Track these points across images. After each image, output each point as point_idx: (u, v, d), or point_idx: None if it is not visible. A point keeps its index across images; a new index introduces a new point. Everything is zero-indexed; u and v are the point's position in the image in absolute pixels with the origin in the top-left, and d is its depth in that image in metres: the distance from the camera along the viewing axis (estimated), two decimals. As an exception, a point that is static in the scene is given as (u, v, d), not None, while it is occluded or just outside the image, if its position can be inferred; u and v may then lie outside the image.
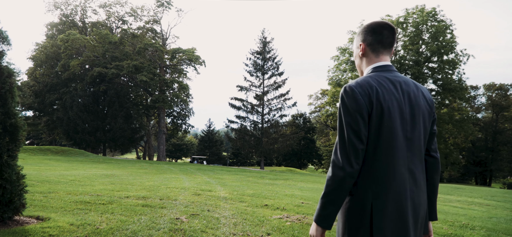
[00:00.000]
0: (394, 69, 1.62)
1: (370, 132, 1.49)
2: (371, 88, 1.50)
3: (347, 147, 1.47)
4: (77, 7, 39.65)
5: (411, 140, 1.54)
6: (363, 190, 1.49)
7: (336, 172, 1.47)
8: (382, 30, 1.63)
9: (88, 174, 11.13)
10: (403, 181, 1.50)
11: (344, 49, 37.48)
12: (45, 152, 24.82)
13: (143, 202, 6.16)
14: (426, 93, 1.63)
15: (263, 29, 40.26)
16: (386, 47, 1.64)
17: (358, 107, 1.47)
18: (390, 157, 1.49)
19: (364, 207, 1.48)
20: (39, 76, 37.83)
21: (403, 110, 1.53)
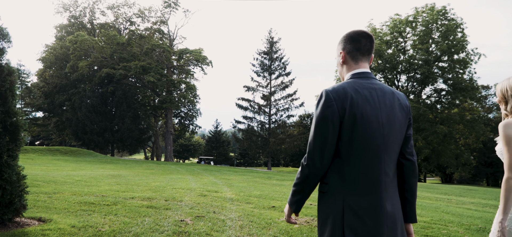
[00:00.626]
0: (372, 76, 1.70)
1: (343, 136, 1.56)
2: (345, 94, 1.56)
3: (316, 147, 1.56)
4: (85, 9, 39.99)
5: (387, 144, 1.59)
6: (337, 190, 1.56)
7: (303, 168, 1.60)
8: (360, 38, 1.71)
9: (94, 175, 11.10)
10: (377, 183, 1.55)
11: (352, 49, 37.10)
12: (54, 152, 25.01)
13: (148, 203, 6.05)
14: (402, 99, 1.69)
15: (270, 29, 40.15)
16: (365, 54, 1.71)
17: (330, 111, 1.54)
18: (363, 159, 1.55)
19: (337, 206, 1.55)
20: (49, 77, 38.22)
21: (378, 115, 1.58)
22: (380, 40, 34.49)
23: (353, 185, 1.54)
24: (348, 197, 1.54)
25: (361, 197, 1.54)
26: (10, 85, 3.81)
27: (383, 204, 1.55)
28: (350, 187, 1.55)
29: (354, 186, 1.54)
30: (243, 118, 36.99)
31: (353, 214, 1.52)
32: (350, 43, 1.72)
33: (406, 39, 35.26)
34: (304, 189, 1.64)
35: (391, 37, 35.20)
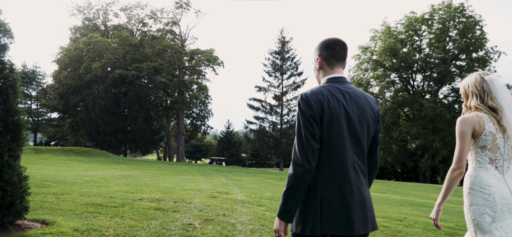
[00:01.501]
0: (346, 81, 1.83)
1: (322, 135, 1.69)
2: (323, 96, 1.71)
3: (305, 146, 1.65)
4: (99, 10, 40.46)
5: (357, 144, 1.74)
6: (315, 185, 1.69)
7: (296, 169, 1.64)
8: (335, 46, 1.84)
9: (105, 175, 11.03)
10: (349, 179, 1.70)
11: (365, 48, 36.48)
12: (68, 152, 25.30)
13: (156, 205, 5.87)
14: (373, 104, 1.83)
15: (281, 28, 39.80)
16: (339, 61, 1.85)
17: (312, 112, 1.67)
18: (338, 157, 1.69)
19: (315, 199, 1.68)
20: (63, 78, 38.81)
21: (350, 117, 1.72)
22: (394, 39, 33.78)
23: (327, 180, 1.69)
24: (323, 192, 1.68)
25: (335, 191, 1.68)
26: (12, 82, 3.65)
27: (354, 197, 1.70)
28: (325, 182, 1.69)
29: (328, 181, 1.69)
30: (255, 119, 36.78)
31: (328, 207, 1.67)
32: (326, 50, 1.86)
33: (421, 38, 34.44)
34: (299, 191, 1.67)
35: (406, 35, 34.44)
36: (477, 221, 2.04)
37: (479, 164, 2.09)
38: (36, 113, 42.00)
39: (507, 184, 2.03)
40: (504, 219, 2.00)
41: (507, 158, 2.08)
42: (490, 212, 2.00)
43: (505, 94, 2.11)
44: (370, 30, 36.37)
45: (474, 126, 2.05)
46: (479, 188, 2.05)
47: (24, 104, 42.06)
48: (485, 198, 2.02)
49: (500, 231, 1.99)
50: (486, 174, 2.06)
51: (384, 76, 36.13)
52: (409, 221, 5.98)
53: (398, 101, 35.21)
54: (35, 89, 42.77)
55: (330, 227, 1.66)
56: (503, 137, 2.06)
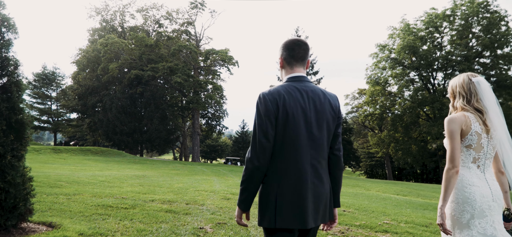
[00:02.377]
0: (306, 79, 1.88)
1: (277, 132, 1.75)
2: (279, 95, 1.76)
3: (257, 145, 1.75)
4: (116, 12, 41.04)
5: (315, 140, 1.79)
6: (271, 180, 1.78)
7: (248, 165, 1.76)
8: (294, 46, 1.90)
9: (120, 175, 10.99)
10: (304, 174, 1.76)
11: (383, 46, 35.61)
12: (85, 152, 25.66)
13: (168, 207, 5.68)
14: (332, 101, 1.87)
15: (296, 27, 39.35)
16: (298, 61, 1.90)
17: (267, 111, 1.74)
18: (293, 154, 1.76)
19: (271, 194, 1.77)
20: (82, 79, 39.52)
21: (307, 115, 1.78)
22: (414, 36, 32.80)
23: (283, 176, 1.76)
24: (280, 187, 1.76)
25: (290, 186, 1.75)
26: (16, 79, 3.50)
27: (309, 192, 1.77)
28: (281, 177, 1.76)
29: (284, 176, 1.76)
30: (270, 119, 36.43)
31: (283, 201, 1.74)
32: (286, 51, 1.91)
33: (443, 35, 33.33)
34: (250, 185, 1.79)
35: (426, 32, 33.40)
36: (457, 217, 2.10)
37: (462, 163, 2.15)
38: (56, 114, 42.95)
39: (487, 183, 2.10)
40: (484, 216, 2.06)
41: (489, 157, 2.15)
42: (469, 209, 2.06)
43: (490, 97, 2.16)
44: (388, 28, 35.48)
45: (462, 126, 2.10)
46: (461, 187, 2.11)
47: (45, 105, 43.07)
48: (466, 196, 2.08)
49: (478, 227, 2.05)
50: (469, 173, 2.12)
51: (403, 74, 35.16)
52: (436, 227, 5.57)
53: (418, 100, 34.18)
54: (55, 90, 43.76)
55: (284, 220, 1.75)
56: (487, 137, 2.12)
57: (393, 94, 36.64)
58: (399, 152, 35.18)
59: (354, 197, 9.06)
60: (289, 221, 1.75)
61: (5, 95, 3.42)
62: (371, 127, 45.43)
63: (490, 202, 2.07)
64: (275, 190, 1.77)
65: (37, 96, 42.30)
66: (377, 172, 53.12)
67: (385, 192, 12.47)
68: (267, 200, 1.78)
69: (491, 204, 2.07)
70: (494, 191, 2.11)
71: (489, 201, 2.07)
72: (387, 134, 36.20)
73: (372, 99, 36.88)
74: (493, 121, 2.12)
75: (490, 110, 2.13)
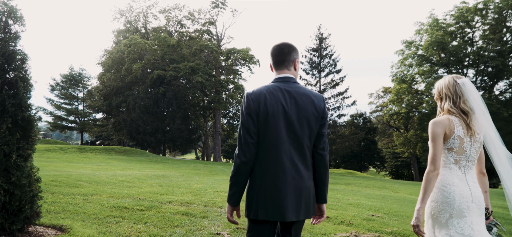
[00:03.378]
0: (291, 80, 2.01)
1: (259, 130, 1.91)
2: (260, 95, 1.92)
3: (242, 141, 1.91)
4: (139, 13, 41.71)
5: (296, 138, 1.92)
6: (254, 175, 1.94)
7: (235, 160, 1.93)
8: (275, 52, 2.08)
9: (140, 175, 10.91)
10: (284, 170, 1.90)
11: (410, 42, 34.28)
12: (109, 152, 26.11)
13: (185, 209, 5.42)
14: (317, 102, 1.98)
15: (319, 25, 38.63)
16: (279, 64, 2.06)
17: (249, 110, 1.90)
18: (274, 150, 1.89)
19: (253, 188, 1.93)
20: (107, 80, 40.42)
21: (287, 113, 1.91)
22: (443, 32, 31.35)
23: (265, 171, 1.90)
24: (261, 181, 1.90)
25: (270, 180, 1.89)
26: (24, 75, 3.30)
27: (288, 187, 1.89)
28: (263, 173, 1.90)
29: (265, 171, 1.90)
30: (292, 118, 35.91)
31: (265, 195, 1.88)
32: (271, 56, 2.09)
33: (474, 29, 31.67)
34: (238, 179, 1.91)
35: (456, 27, 31.85)
36: (436, 216, 2.14)
37: (444, 163, 2.18)
38: (82, 114, 44.17)
39: (468, 184, 2.13)
40: (463, 217, 2.08)
41: (472, 159, 2.17)
42: (448, 209, 2.09)
43: (476, 97, 2.19)
44: (415, 23, 34.10)
45: (445, 129, 2.13)
46: (441, 186, 2.14)
47: (72, 105, 44.38)
48: (445, 196, 2.11)
49: (456, 227, 2.07)
50: (450, 173, 2.15)
51: (430, 72, 33.70)
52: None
53: (447, 98, 32.63)
54: (82, 91, 45.00)
55: (265, 212, 1.86)
56: (470, 141, 2.15)
57: (420, 92, 35.22)
58: (426, 152, 33.77)
59: (382, 200, 8.52)
60: (268, 214, 1.87)
61: (11, 91, 3.23)
62: (397, 127, 43.99)
63: (469, 203, 2.09)
64: (257, 184, 1.90)
65: (64, 97, 43.64)
66: (403, 173, 51.39)
67: (415, 194, 11.79)
68: (251, 194, 1.92)
69: (470, 204, 2.09)
70: (474, 192, 2.12)
71: (468, 201, 2.09)
72: (413, 134, 34.84)
73: (397, 97, 35.60)
74: (480, 120, 2.15)
75: (477, 110, 2.15)
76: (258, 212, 1.88)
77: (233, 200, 1.95)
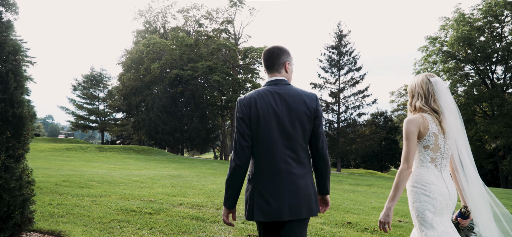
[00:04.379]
0: (282, 82, 2.05)
1: (252, 133, 1.95)
2: (251, 99, 1.98)
3: (237, 144, 1.95)
4: (158, 13, 42.04)
5: (289, 138, 1.95)
6: (252, 179, 1.99)
7: (231, 164, 1.95)
8: (265, 56, 2.15)
9: (155, 174, 10.71)
10: (278, 170, 1.93)
11: (434, 39, 32.94)
12: (128, 151, 26.31)
13: (195, 213, 5.09)
14: (309, 101, 2.00)
15: (338, 22, 37.74)
16: (269, 68, 2.12)
17: (242, 114, 1.96)
18: (267, 151, 1.94)
19: (251, 191, 1.97)
20: (126, 80, 40.94)
21: (278, 115, 1.95)
22: (470, 27, 29.92)
23: (260, 174, 1.96)
24: (257, 184, 1.95)
25: (266, 183, 1.94)
26: (15, 67, 3.02)
27: (284, 187, 1.93)
28: (258, 175, 1.96)
29: (261, 174, 1.95)
30: (310, 117, 35.19)
31: (261, 197, 1.93)
32: (262, 61, 2.17)
33: (503, 24, 30.08)
34: (234, 182, 1.96)
35: (484, 22, 30.34)
36: (421, 218, 2.13)
37: (421, 162, 2.19)
38: (103, 114, 44.96)
39: (445, 182, 2.15)
40: (442, 215, 2.12)
41: (446, 157, 2.18)
42: (431, 208, 2.10)
43: (447, 97, 2.18)
44: (439, 19, 32.70)
45: (419, 127, 2.14)
46: (421, 186, 2.14)
47: (93, 105, 45.26)
48: (426, 195, 2.11)
49: (440, 226, 2.10)
50: (427, 172, 2.16)
51: (456, 68, 32.26)
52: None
53: (474, 96, 31.14)
54: (102, 91, 45.83)
55: (262, 214, 1.92)
56: (443, 138, 2.17)
57: (445, 90, 33.82)
58: (452, 152, 32.33)
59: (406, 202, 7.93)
60: (265, 215, 1.91)
61: (0, 85, 2.95)
62: (420, 126, 42.49)
63: (447, 201, 2.12)
64: (253, 186, 1.95)
65: (86, 97, 44.55)
66: (426, 174, 49.68)
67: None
68: (247, 196, 1.98)
69: (448, 202, 2.13)
70: (450, 190, 2.15)
71: (446, 200, 2.12)
72: (438, 133, 33.48)
73: (421, 95, 34.29)
74: (449, 121, 2.16)
75: (446, 110, 2.17)
76: (255, 213, 1.93)
77: (229, 203, 2.00)
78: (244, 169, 1.93)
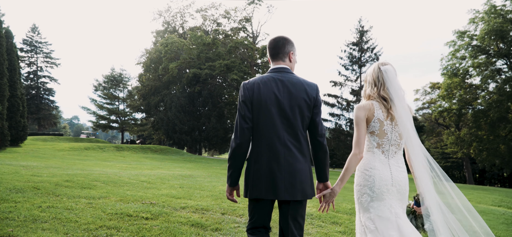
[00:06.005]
0: (285, 70, 2.17)
1: (254, 116, 2.09)
2: (254, 84, 2.12)
3: (238, 126, 2.08)
4: (177, 13, 42.11)
5: (289, 123, 2.09)
6: (250, 159, 2.14)
7: (231, 144, 2.11)
8: (270, 45, 2.26)
9: (166, 174, 10.29)
10: (277, 153, 2.06)
11: (462, 33, 31.23)
12: (145, 150, 26.28)
13: (197, 218, 4.54)
14: (309, 91, 2.13)
15: (359, 17, 36.52)
16: (273, 56, 2.24)
17: (244, 98, 2.11)
18: (267, 134, 2.08)
19: (249, 170, 2.13)
20: (145, 80, 41.21)
21: (280, 101, 2.08)
22: (502, 19, 28.11)
23: (259, 154, 2.09)
24: (255, 164, 2.10)
25: (264, 162, 2.07)
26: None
27: (281, 168, 2.06)
28: (257, 156, 2.10)
29: (259, 154, 2.09)
30: (330, 116, 34.22)
31: (258, 176, 2.07)
32: (268, 49, 2.29)
33: None
34: (234, 161, 2.11)
35: (517, 13, 28.47)
36: (360, 200, 2.23)
37: (368, 148, 2.26)
38: (123, 113, 45.49)
39: (390, 168, 2.20)
40: (382, 200, 2.16)
41: (395, 144, 2.23)
42: (369, 192, 2.18)
43: (396, 86, 2.24)
44: (469, 11, 31.13)
45: (367, 113, 2.21)
46: (363, 170, 2.23)
47: (113, 105, 45.88)
48: (366, 179, 2.20)
49: (376, 209, 2.15)
50: (372, 157, 2.22)
51: (487, 64, 30.43)
52: None
53: (507, 92, 29.26)
54: (122, 91, 46.39)
55: (259, 191, 2.07)
56: (391, 124, 2.22)
57: (474, 87, 31.98)
58: (483, 152, 30.52)
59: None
60: (263, 192, 2.06)
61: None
62: (447, 125, 40.54)
63: (389, 186, 2.17)
64: (252, 165, 2.11)
65: (106, 97, 45.23)
66: (454, 175, 47.49)
67: (481, 202, 10.05)
68: (247, 175, 2.15)
69: (390, 188, 2.17)
70: (395, 176, 2.18)
71: (387, 184, 2.16)
72: (467, 132, 31.70)
73: (448, 93, 32.60)
74: (398, 110, 2.20)
75: (395, 99, 2.22)
76: (253, 191, 2.07)
77: (231, 181, 2.17)
78: (243, 149, 2.07)
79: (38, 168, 9.26)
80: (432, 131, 46.30)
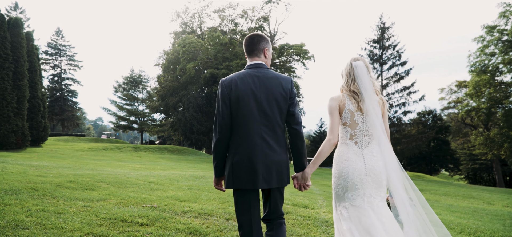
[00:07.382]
0: (261, 66, 2.31)
1: (232, 111, 2.23)
2: (232, 81, 2.25)
3: (217, 121, 2.25)
4: (195, 14, 42.16)
5: (266, 117, 2.22)
6: (230, 150, 2.27)
7: (213, 138, 2.30)
8: (246, 42, 2.42)
9: (177, 175, 9.94)
10: (255, 145, 2.20)
11: (492, 27, 29.54)
12: (162, 151, 26.23)
13: (198, 224, 4.09)
14: (284, 84, 2.28)
15: (380, 14, 35.25)
16: (249, 53, 2.39)
17: (223, 94, 2.23)
18: (245, 128, 2.21)
19: (229, 161, 2.25)
20: (164, 81, 41.44)
21: (256, 95, 2.21)
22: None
23: (238, 147, 2.22)
24: (235, 156, 2.22)
25: (243, 154, 2.20)
26: None
27: (259, 160, 2.19)
28: (236, 149, 2.23)
29: (239, 147, 2.22)
30: (351, 116, 33.20)
31: (238, 168, 2.21)
32: (243, 46, 2.43)
33: None
34: (217, 155, 2.29)
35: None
36: (336, 191, 2.33)
37: (342, 139, 2.35)
38: (142, 114, 45.96)
39: (363, 158, 2.27)
40: (356, 189, 2.25)
41: (367, 134, 2.30)
42: (344, 183, 2.27)
43: (365, 81, 2.30)
44: (499, 5, 29.27)
45: (339, 104, 2.31)
46: (338, 162, 2.33)
47: (132, 106, 46.42)
48: (340, 170, 2.29)
49: (351, 199, 2.25)
50: (346, 148, 2.31)
51: (519, 59, 28.65)
52: None
53: (541, 90, 27.46)
54: (141, 92, 46.89)
55: (239, 182, 2.21)
56: (362, 116, 2.30)
57: (505, 84, 30.21)
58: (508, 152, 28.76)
59: (474, 216, 6.34)
60: (243, 183, 2.20)
61: None
62: (474, 125, 38.59)
63: (362, 176, 2.24)
64: (232, 157, 2.24)
65: (126, 98, 45.83)
66: (482, 177, 45.14)
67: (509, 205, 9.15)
68: (228, 166, 2.26)
69: (364, 178, 2.24)
70: (368, 166, 2.25)
71: (361, 175, 2.24)
72: (498, 132, 29.97)
73: (476, 91, 30.92)
74: (367, 105, 2.27)
75: (364, 93, 2.28)
76: (233, 181, 2.23)
77: (216, 172, 2.35)
78: (223, 142, 2.23)
79: (48, 168, 9.09)
80: (459, 132, 44.22)
